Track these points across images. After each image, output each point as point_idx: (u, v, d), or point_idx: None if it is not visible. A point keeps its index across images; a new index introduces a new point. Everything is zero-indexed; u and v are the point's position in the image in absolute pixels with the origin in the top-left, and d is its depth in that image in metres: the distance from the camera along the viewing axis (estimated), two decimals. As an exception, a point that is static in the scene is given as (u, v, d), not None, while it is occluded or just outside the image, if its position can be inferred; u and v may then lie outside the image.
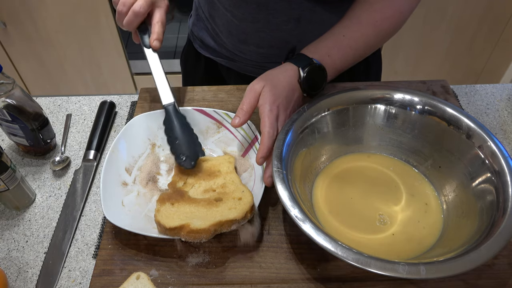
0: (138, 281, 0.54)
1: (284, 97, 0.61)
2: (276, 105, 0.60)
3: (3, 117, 0.65)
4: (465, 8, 1.67)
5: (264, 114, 0.59)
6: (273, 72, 0.64)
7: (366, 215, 0.59)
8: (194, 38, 0.90)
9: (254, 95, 0.61)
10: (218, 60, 0.87)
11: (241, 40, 0.79)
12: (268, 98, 0.60)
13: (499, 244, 0.46)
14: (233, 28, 0.78)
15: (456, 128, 0.60)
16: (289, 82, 0.63)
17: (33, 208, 0.65)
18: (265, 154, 0.57)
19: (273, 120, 0.59)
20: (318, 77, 0.65)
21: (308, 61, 0.64)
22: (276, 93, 0.61)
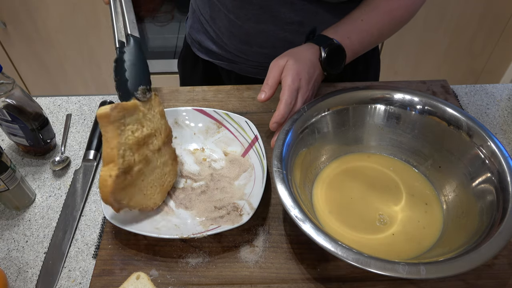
0: (138, 281, 0.54)
1: (307, 71, 0.64)
2: (298, 77, 0.63)
3: (3, 117, 0.65)
4: (465, 8, 1.67)
5: (286, 84, 0.62)
6: (295, 50, 0.67)
7: (366, 215, 0.59)
8: (192, 41, 0.89)
9: (278, 69, 0.64)
10: (218, 63, 0.87)
11: (244, 41, 0.79)
12: (291, 70, 0.63)
13: (499, 244, 0.46)
14: (236, 30, 0.78)
15: (456, 128, 0.60)
16: (311, 59, 0.66)
17: (33, 208, 0.65)
18: (279, 120, 0.60)
19: (293, 90, 0.62)
20: (338, 57, 0.68)
21: (329, 41, 0.67)
22: (299, 66, 0.63)
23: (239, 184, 0.64)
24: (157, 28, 1.81)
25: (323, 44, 0.67)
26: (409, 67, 1.89)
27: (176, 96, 0.79)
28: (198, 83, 0.93)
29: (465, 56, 1.85)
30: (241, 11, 0.74)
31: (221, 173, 0.66)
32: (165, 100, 0.79)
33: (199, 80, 0.93)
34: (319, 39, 0.68)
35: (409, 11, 0.72)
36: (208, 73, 0.91)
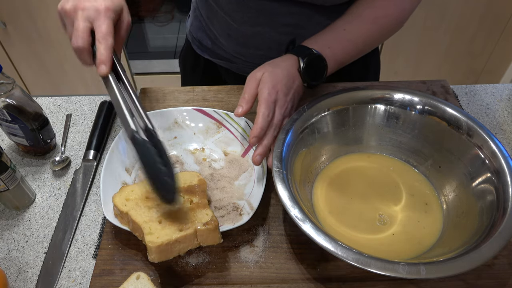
0: (138, 281, 0.54)
1: (284, 83, 0.62)
2: (275, 90, 0.61)
3: (3, 117, 0.65)
4: (465, 8, 1.67)
5: (262, 97, 0.60)
6: (273, 62, 0.66)
7: (366, 215, 0.59)
8: (192, 39, 0.90)
9: (254, 82, 0.62)
10: (217, 62, 0.87)
11: (240, 43, 0.79)
12: (267, 83, 0.61)
13: (499, 244, 0.46)
14: (232, 32, 0.78)
15: (456, 128, 0.60)
16: (289, 70, 0.64)
17: (33, 208, 0.65)
18: (258, 133, 0.58)
19: (270, 103, 0.60)
20: (318, 67, 0.66)
21: (308, 51, 0.65)
22: (275, 78, 0.62)
23: (239, 184, 0.64)
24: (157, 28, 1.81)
25: (302, 54, 0.65)
26: (409, 67, 1.89)
27: (176, 96, 0.79)
28: (199, 81, 0.94)
29: (465, 56, 1.85)
30: (237, 14, 0.74)
31: (221, 173, 0.66)
32: (165, 100, 0.79)
33: (200, 78, 0.93)
34: (298, 49, 0.66)
35: (396, 20, 0.69)
36: (208, 71, 0.91)
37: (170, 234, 0.52)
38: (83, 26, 0.54)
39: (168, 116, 0.70)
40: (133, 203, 0.56)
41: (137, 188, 0.59)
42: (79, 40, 0.54)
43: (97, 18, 0.55)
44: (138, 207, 0.56)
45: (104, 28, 0.54)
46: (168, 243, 0.51)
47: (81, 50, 0.54)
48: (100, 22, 0.54)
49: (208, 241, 0.54)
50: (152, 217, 0.54)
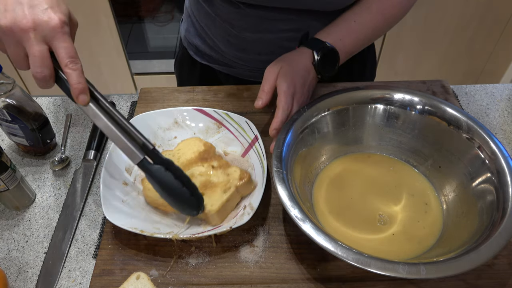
0: (138, 281, 0.54)
1: (301, 76, 0.66)
2: (293, 83, 0.64)
3: (3, 117, 0.65)
4: (465, 8, 1.67)
5: (281, 90, 0.63)
6: (288, 55, 0.68)
7: (366, 215, 0.59)
8: (188, 45, 0.89)
9: (273, 75, 0.65)
10: (215, 67, 0.87)
11: (241, 49, 0.79)
12: (286, 77, 0.64)
13: (499, 244, 0.46)
14: (232, 38, 0.78)
15: (456, 128, 0.60)
16: (304, 63, 0.67)
17: (33, 208, 0.65)
18: (278, 126, 0.62)
19: (289, 96, 0.63)
20: (331, 60, 0.69)
21: (322, 45, 0.68)
22: (293, 72, 0.65)
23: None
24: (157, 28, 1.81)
25: (316, 47, 0.67)
26: (409, 67, 1.89)
27: (176, 96, 0.79)
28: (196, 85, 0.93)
29: (465, 56, 1.85)
30: (237, 22, 0.74)
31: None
32: (165, 100, 0.79)
33: (197, 83, 0.93)
34: (312, 42, 0.69)
35: (402, 8, 0.72)
36: (205, 76, 0.90)
37: (219, 198, 0.58)
38: (41, 50, 0.45)
39: (168, 116, 0.70)
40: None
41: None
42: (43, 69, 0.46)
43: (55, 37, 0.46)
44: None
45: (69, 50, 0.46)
46: (222, 206, 0.57)
47: (46, 79, 0.47)
48: (61, 43, 0.46)
49: (246, 191, 0.61)
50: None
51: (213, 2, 0.75)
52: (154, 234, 0.55)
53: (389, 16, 0.71)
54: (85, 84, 0.48)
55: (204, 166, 0.63)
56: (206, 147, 0.65)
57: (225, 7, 0.73)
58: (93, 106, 0.49)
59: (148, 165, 0.51)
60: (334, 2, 0.69)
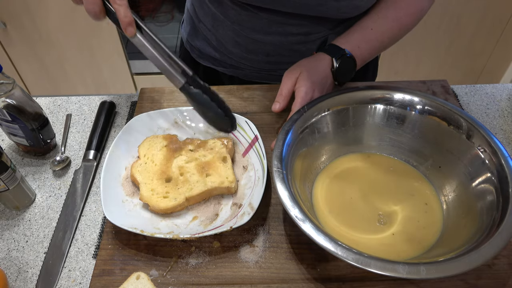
0: (138, 281, 0.54)
1: (319, 83, 0.67)
2: (312, 89, 0.65)
3: (3, 117, 0.65)
4: (465, 8, 1.67)
5: (299, 96, 0.64)
6: (308, 61, 0.69)
7: (366, 215, 0.59)
8: (191, 47, 0.88)
9: (292, 81, 0.66)
10: (220, 69, 0.87)
11: (249, 50, 0.79)
12: (305, 82, 0.65)
13: (499, 244, 0.46)
14: (241, 39, 0.78)
15: (456, 128, 0.60)
16: (324, 70, 0.68)
17: (33, 208, 0.65)
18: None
19: (306, 102, 0.64)
20: (349, 67, 0.70)
21: (341, 52, 0.69)
22: (312, 78, 0.66)
23: (239, 184, 0.64)
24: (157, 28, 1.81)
25: (336, 55, 0.68)
26: (409, 67, 1.89)
27: (176, 96, 0.79)
28: None
29: (465, 56, 1.85)
30: (247, 23, 0.75)
31: (221, 173, 0.66)
32: (165, 100, 0.79)
33: None
34: (331, 49, 0.70)
35: (416, 18, 0.74)
36: (208, 78, 0.90)
37: (226, 169, 0.62)
38: None
39: (168, 116, 0.70)
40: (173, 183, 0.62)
41: (155, 180, 0.62)
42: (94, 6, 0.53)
43: None
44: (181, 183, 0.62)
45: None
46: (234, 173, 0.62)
47: (97, 14, 0.54)
48: None
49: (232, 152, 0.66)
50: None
51: (222, 3, 0.75)
52: (154, 234, 0.55)
53: (404, 25, 0.73)
54: (131, 17, 0.54)
55: (183, 154, 0.65)
56: (167, 139, 0.67)
57: (235, 9, 0.73)
58: (140, 37, 0.55)
59: (189, 88, 0.57)
60: (347, 11, 0.70)
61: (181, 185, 0.61)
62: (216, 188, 0.60)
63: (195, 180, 0.61)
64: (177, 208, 0.59)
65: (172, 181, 0.62)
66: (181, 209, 0.60)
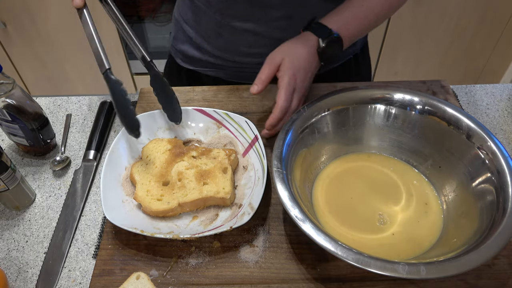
0: (138, 281, 0.54)
1: (303, 68, 0.65)
2: (295, 77, 0.64)
3: (3, 117, 0.65)
4: (464, 8, 1.67)
5: (282, 87, 0.63)
6: (292, 43, 0.67)
7: (366, 215, 0.59)
8: (176, 52, 0.88)
9: (273, 66, 0.65)
10: (203, 71, 0.86)
11: (230, 41, 0.78)
12: (287, 70, 0.64)
13: (499, 244, 0.46)
14: (222, 29, 0.77)
15: (456, 128, 0.60)
16: (308, 52, 0.66)
17: (33, 208, 0.65)
18: (275, 123, 0.64)
19: (289, 94, 0.64)
20: (335, 47, 0.68)
21: (328, 32, 0.67)
22: (295, 65, 0.64)
23: (239, 184, 0.64)
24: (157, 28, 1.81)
25: (322, 35, 0.66)
26: (409, 67, 1.89)
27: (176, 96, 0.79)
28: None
29: (465, 56, 1.85)
30: (227, 10, 0.74)
31: (221, 173, 0.66)
32: (165, 100, 0.79)
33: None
34: (317, 29, 0.68)
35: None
36: (192, 83, 0.88)
37: (225, 180, 0.61)
38: None
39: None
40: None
41: (153, 182, 0.62)
42: None
43: None
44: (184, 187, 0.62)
45: None
46: (232, 185, 0.61)
47: None
48: None
49: (235, 164, 0.65)
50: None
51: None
52: (154, 234, 0.55)
53: (393, 2, 0.72)
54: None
55: (185, 160, 0.64)
56: (171, 143, 0.66)
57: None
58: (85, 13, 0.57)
59: (110, 76, 0.59)
60: None
61: (176, 190, 0.60)
62: (211, 198, 0.59)
63: (191, 187, 0.60)
64: (168, 212, 0.59)
65: (169, 185, 0.61)
66: (173, 214, 0.60)
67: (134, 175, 0.62)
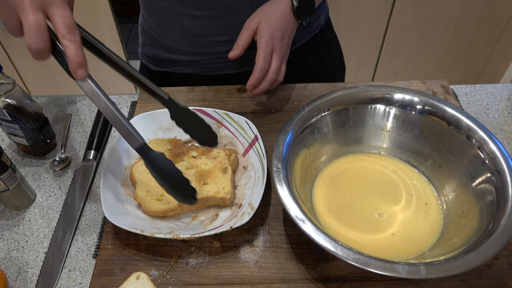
0: (138, 281, 0.54)
1: (279, 29, 0.67)
2: (272, 38, 0.66)
3: (3, 117, 0.65)
4: (465, 8, 1.67)
5: (260, 48, 0.66)
6: (266, 7, 0.69)
7: (366, 215, 0.59)
8: (148, 59, 0.87)
9: (249, 31, 0.68)
10: (177, 70, 0.85)
11: (197, 34, 0.77)
12: (264, 32, 0.66)
13: (499, 244, 0.46)
14: (187, 25, 0.76)
15: (456, 128, 0.60)
16: (283, 12, 0.68)
17: (33, 208, 0.65)
18: (254, 83, 0.67)
19: (268, 55, 0.66)
20: (309, 3, 0.70)
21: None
22: (271, 26, 0.67)
23: (239, 184, 0.64)
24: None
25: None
26: (409, 67, 1.89)
27: (176, 96, 0.79)
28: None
29: (465, 56, 1.85)
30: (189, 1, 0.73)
31: (221, 173, 0.66)
32: (165, 100, 0.78)
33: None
34: None
35: None
36: (165, 85, 0.87)
37: (225, 180, 0.61)
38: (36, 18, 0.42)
39: (168, 116, 0.70)
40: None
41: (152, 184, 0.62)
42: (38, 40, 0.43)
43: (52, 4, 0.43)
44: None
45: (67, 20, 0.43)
46: (232, 185, 0.61)
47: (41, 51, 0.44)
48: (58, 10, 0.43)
49: (235, 165, 0.65)
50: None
51: None
52: (154, 234, 0.55)
53: None
54: (84, 57, 0.44)
55: (185, 160, 0.65)
56: (172, 143, 0.66)
57: None
58: (91, 82, 0.46)
59: (150, 151, 0.49)
60: None
61: None
62: (211, 198, 0.60)
63: None
64: (168, 212, 0.59)
65: None
66: (173, 214, 0.60)
67: (134, 175, 0.62)
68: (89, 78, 0.46)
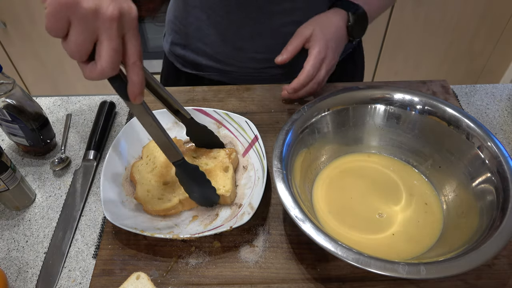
0: (138, 281, 0.54)
1: (334, 40, 0.66)
2: (326, 47, 0.64)
3: (3, 117, 0.65)
4: (465, 8, 1.67)
5: (312, 53, 0.64)
6: (321, 17, 0.68)
7: (366, 215, 0.59)
8: (175, 58, 0.86)
9: (301, 38, 0.65)
10: (206, 75, 0.84)
11: (237, 48, 0.77)
12: (319, 40, 0.64)
13: (499, 244, 0.46)
14: (228, 35, 0.76)
15: (456, 128, 0.60)
16: (339, 25, 0.67)
17: (33, 208, 0.65)
18: (298, 88, 0.65)
19: (319, 61, 0.63)
20: (362, 23, 0.69)
21: (356, 7, 0.68)
22: (327, 35, 0.65)
23: (239, 184, 0.64)
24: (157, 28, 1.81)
25: (351, 9, 0.67)
26: (409, 67, 1.89)
27: (176, 96, 0.79)
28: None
29: (465, 56, 1.85)
30: (236, 15, 0.72)
31: (221, 173, 0.66)
32: (165, 100, 0.78)
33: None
34: (345, 4, 0.69)
35: None
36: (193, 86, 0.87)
37: (226, 179, 0.61)
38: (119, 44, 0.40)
39: (168, 116, 0.70)
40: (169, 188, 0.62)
41: (153, 183, 0.62)
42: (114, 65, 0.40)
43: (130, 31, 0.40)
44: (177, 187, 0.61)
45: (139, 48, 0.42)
46: (233, 184, 0.61)
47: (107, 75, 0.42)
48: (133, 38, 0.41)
49: (235, 164, 0.65)
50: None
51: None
52: (154, 234, 0.55)
53: None
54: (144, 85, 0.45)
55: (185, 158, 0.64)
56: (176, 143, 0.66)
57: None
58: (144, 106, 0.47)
59: (187, 164, 0.55)
60: None
61: (177, 190, 0.60)
62: None
63: None
64: (170, 210, 0.59)
65: (169, 184, 0.61)
66: (175, 212, 0.60)
67: (134, 175, 0.62)
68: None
